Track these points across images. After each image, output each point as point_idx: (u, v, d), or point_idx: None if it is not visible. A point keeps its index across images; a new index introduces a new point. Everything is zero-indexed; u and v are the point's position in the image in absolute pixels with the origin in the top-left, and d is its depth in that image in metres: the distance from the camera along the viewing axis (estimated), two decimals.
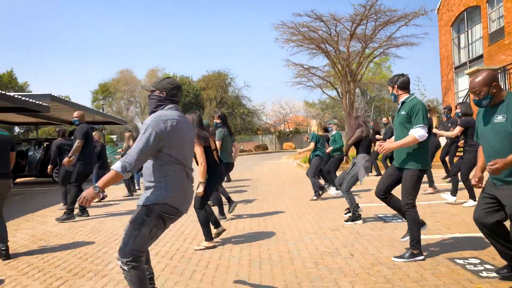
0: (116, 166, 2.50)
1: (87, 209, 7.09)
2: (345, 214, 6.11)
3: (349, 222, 5.63)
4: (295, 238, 4.94)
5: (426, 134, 3.81)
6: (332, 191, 8.49)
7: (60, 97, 13.70)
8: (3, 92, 10.43)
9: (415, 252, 3.86)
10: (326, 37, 24.31)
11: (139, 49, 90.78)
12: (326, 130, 9.21)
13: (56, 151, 7.80)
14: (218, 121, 6.88)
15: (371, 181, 9.04)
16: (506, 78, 14.63)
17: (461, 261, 3.78)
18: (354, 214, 5.66)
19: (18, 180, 14.58)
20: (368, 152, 5.92)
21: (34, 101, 10.99)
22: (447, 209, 6.22)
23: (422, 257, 3.85)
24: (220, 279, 3.62)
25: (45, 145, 13.70)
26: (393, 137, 4.27)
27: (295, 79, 26.72)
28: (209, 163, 4.64)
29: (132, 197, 9.25)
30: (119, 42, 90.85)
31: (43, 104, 11.35)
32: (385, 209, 5.74)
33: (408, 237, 3.99)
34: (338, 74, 24.86)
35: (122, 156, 9.72)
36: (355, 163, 5.86)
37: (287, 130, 42.38)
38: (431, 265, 3.74)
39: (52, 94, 11.71)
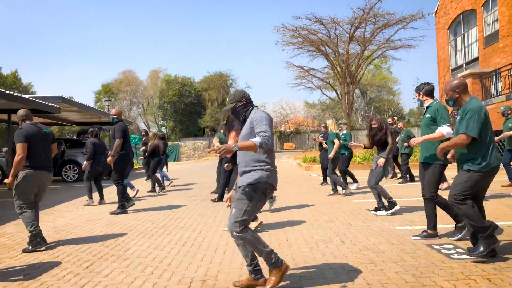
0: (256, 140, 3.10)
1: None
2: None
3: (388, 212, 6.12)
4: (294, 229, 5.49)
5: (452, 132, 4.35)
6: (353, 186, 9.19)
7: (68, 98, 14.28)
8: (17, 94, 11.03)
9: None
10: (325, 39, 24.91)
11: (142, 50, 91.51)
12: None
13: (92, 148, 8.45)
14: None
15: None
16: (499, 80, 15.16)
17: (437, 247, 4.32)
18: (391, 202, 6.13)
19: None
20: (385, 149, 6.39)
21: (46, 102, 11.57)
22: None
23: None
24: (227, 261, 4.17)
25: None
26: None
27: (295, 81, 27.33)
28: None
29: (157, 194, 9.98)
30: (121, 43, 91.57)
31: (55, 105, 11.93)
32: (376, 204, 6.32)
33: (460, 234, 4.51)
34: (337, 76, 25.44)
35: (145, 154, 10.48)
36: (377, 159, 6.38)
37: (288, 130, 42.94)
38: (411, 249, 4.28)
39: (63, 96, 12.28)
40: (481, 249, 3.71)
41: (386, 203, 6.23)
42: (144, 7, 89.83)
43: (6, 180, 4.92)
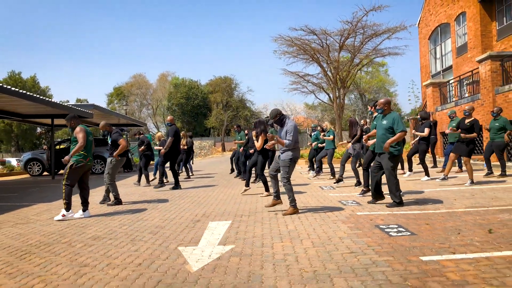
0: (286, 142, 5.95)
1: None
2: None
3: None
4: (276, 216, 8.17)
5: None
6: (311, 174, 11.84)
7: (81, 101, 17.12)
8: (60, 103, 13.88)
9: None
10: (318, 48, 27.58)
11: (151, 55, 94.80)
12: (322, 130, 12.34)
13: (146, 144, 11.38)
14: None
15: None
16: (452, 89, 17.65)
17: (383, 227, 4.81)
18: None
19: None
20: None
21: (81, 109, 14.41)
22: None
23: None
24: (242, 231, 6.83)
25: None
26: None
27: (291, 86, 30.00)
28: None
29: (189, 179, 12.99)
30: (132, 47, 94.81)
31: (89, 111, 14.77)
32: (348, 198, 7.53)
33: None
34: (329, 82, 28.09)
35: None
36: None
37: None
38: (362, 231, 4.60)
39: (95, 104, 15.14)
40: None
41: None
42: (154, 14, 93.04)
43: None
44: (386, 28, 25.95)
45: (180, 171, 14.67)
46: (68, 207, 6.41)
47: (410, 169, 11.18)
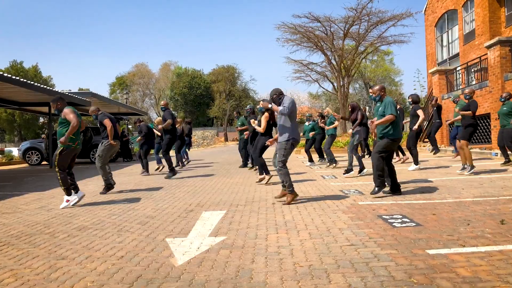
0: (280, 108, 5.69)
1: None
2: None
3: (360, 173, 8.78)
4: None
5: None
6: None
7: (83, 90, 16.83)
8: (57, 90, 13.58)
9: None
10: (322, 36, 27.05)
11: (154, 44, 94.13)
12: (322, 117, 12.03)
13: (145, 133, 11.21)
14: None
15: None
16: (460, 77, 17.19)
17: (387, 217, 4.52)
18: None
19: None
20: None
21: (79, 97, 14.12)
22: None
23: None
24: (236, 221, 6.57)
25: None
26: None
27: (294, 74, 29.54)
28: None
29: (179, 169, 12.53)
30: (134, 36, 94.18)
31: (86, 99, 14.47)
32: (350, 187, 7.32)
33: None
34: (333, 70, 27.61)
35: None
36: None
37: None
38: (364, 221, 4.31)
39: (93, 92, 14.83)
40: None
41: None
42: (157, 2, 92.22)
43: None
44: (392, 15, 25.40)
45: (185, 160, 14.29)
46: (68, 191, 6.20)
47: (436, 148, 11.15)
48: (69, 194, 6.20)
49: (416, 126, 9.51)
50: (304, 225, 4.35)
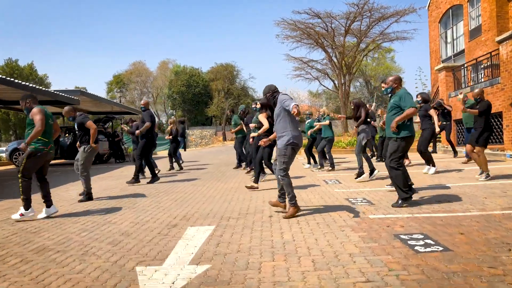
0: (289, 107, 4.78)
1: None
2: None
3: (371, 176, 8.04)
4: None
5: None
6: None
7: (79, 89, 16.06)
8: (41, 87, 12.80)
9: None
10: (323, 33, 26.26)
11: (151, 42, 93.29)
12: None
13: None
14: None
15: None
16: (467, 74, 16.42)
17: (405, 237, 3.66)
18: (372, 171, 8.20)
19: (52, 161, 17.06)
20: None
21: (66, 95, 13.33)
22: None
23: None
24: (225, 241, 5.83)
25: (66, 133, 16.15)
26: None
27: (294, 72, 28.76)
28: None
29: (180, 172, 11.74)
30: (132, 34, 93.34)
31: (74, 98, 13.68)
32: (356, 194, 6.90)
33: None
34: (334, 68, 26.82)
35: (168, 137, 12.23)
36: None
37: None
38: (379, 243, 3.54)
39: (81, 89, 14.04)
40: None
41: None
42: (155, 2, 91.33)
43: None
44: (394, 11, 24.66)
45: (181, 162, 13.54)
46: (27, 204, 5.41)
47: (454, 151, 10.79)
48: (27, 207, 5.41)
49: (436, 127, 8.88)
50: (307, 248, 3.60)
